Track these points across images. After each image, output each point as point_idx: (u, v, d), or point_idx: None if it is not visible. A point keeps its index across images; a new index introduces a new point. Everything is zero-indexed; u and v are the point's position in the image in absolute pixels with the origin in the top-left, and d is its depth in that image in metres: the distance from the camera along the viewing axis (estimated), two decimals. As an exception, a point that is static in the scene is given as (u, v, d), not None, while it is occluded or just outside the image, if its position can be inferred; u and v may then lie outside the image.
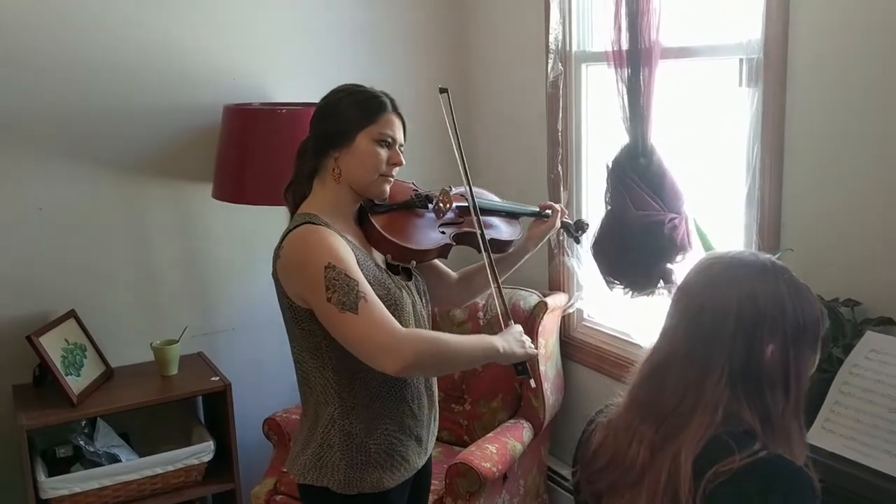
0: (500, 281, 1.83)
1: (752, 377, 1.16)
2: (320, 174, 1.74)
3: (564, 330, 2.94)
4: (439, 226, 1.83)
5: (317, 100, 1.65)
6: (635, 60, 2.32)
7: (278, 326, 3.00)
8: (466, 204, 1.84)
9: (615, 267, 2.43)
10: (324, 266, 1.57)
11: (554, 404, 2.81)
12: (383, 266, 1.77)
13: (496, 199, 2.04)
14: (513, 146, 3.13)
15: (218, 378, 2.69)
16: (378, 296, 1.62)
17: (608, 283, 2.47)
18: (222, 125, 2.71)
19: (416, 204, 1.82)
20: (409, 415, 1.74)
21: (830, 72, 1.96)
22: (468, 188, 1.81)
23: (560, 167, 2.85)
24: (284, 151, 2.58)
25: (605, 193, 2.45)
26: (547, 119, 2.87)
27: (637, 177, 2.34)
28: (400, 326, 1.59)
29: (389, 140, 1.70)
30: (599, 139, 2.79)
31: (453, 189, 1.89)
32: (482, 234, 1.82)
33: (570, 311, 2.91)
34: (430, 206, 1.83)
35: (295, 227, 1.66)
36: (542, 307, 2.73)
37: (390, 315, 1.59)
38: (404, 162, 1.74)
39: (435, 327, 2.17)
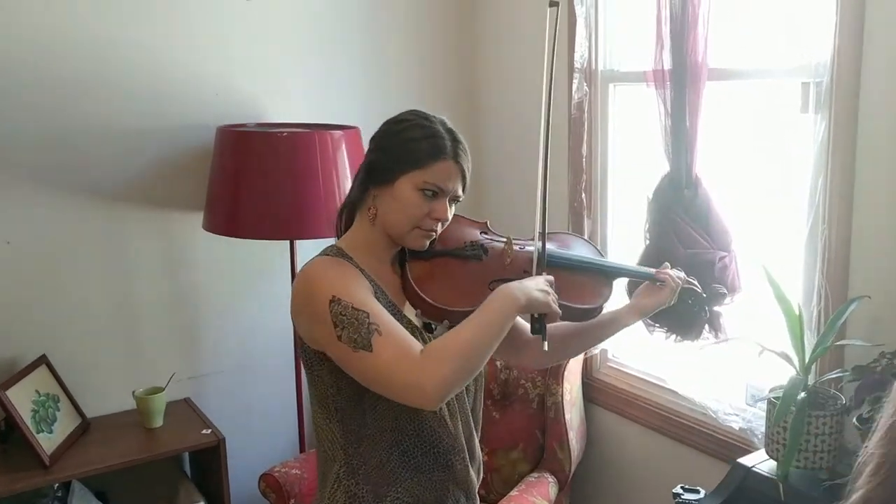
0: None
1: None
2: (360, 208, 1.52)
3: (587, 371, 2.71)
4: (492, 282, 1.51)
5: (319, 120, 1.41)
6: (680, 81, 2.11)
7: (272, 368, 2.81)
8: (536, 254, 1.52)
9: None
10: (328, 300, 1.36)
11: (579, 455, 2.57)
12: (416, 323, 1.52)
13: (587, 253, 1.66)
14: (530, 172, 2.89)
15: (209, 430, 2.41)
16: None
17: (647, 326, 2.24)
18: (215, 149, 2.45)
19: (466, 254, 1.55)
20: (428, 487, 1.50)
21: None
22: (541, 199, 1.50)
23: (584, 195, 2.62)
24: (284, 179, 2.34)
25: (645, 225, 2.24)
26: (569, 143, 2.64)
27: (682, 210, 2.12)
28: (418, 354, 1.34)
29: (435, 190, 1.45)
30: (628, 166, 2.57)
31: (537, 228, 1.54)
32: None
33: (595, 351, 2.68)
34: (486, 256, 1.55)
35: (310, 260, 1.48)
36: (567, 349, 2.49)
37: (410, 342, 1.35)
38: (450, 218, 1.48)
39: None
